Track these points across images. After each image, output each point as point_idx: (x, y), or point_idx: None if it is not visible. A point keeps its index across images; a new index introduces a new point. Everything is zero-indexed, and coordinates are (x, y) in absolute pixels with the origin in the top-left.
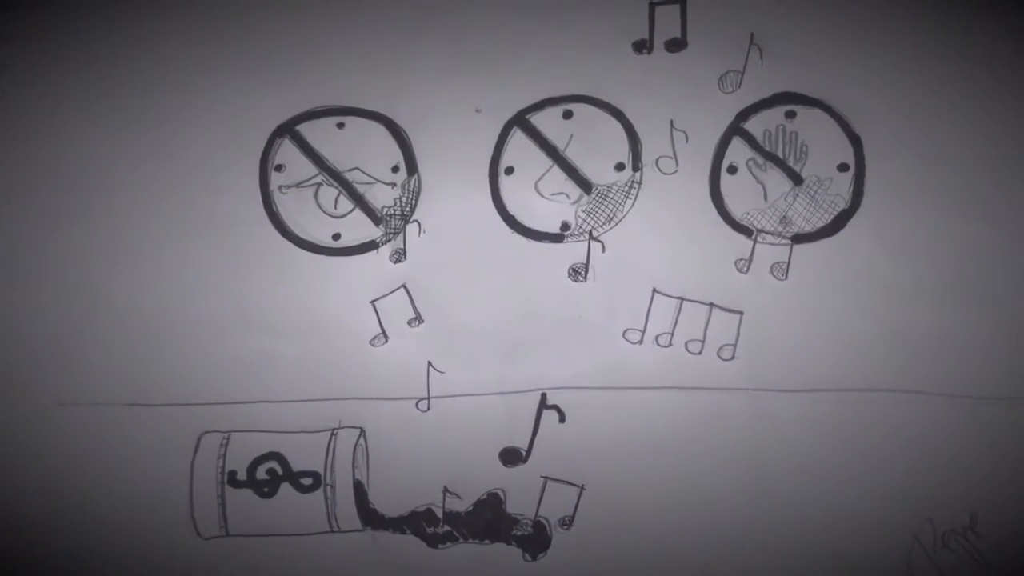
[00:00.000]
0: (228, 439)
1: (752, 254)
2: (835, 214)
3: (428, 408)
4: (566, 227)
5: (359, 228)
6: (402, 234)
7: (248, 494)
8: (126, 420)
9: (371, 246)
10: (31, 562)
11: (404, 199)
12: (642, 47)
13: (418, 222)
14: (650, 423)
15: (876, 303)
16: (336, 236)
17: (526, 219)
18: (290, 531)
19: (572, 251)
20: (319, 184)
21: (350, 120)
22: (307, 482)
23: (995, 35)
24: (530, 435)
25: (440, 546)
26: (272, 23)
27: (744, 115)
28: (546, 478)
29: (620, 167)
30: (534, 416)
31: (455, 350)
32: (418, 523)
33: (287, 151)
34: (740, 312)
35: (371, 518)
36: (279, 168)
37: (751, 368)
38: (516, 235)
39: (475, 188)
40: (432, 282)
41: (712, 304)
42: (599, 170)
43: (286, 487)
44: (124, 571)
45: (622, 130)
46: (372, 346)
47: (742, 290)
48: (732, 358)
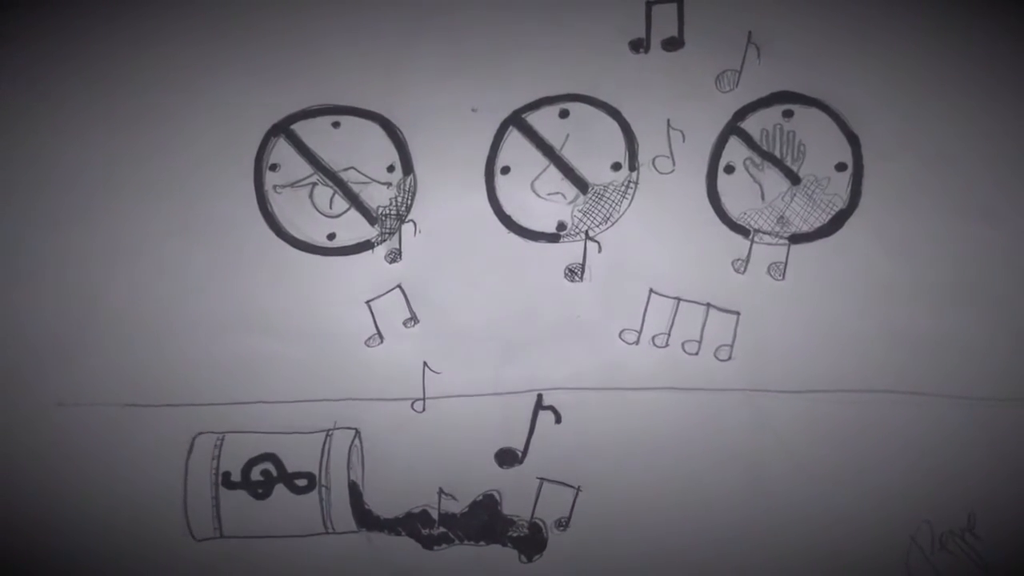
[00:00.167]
0: (222, 440)
1: (749, 254)
2: (833, 214)
3: (424, 409)
4: (562, 227)
5: (354, 228)
6: (398, 234)
7: (242, 495)
8: (122, 421)
9: (367, 246)
10: (27, 561)
11: (400, 199)
12: (639, 46)
13: (414, 222)
14: (647, 424)
15: (874, 303)
16: (331, 236)
17: (522, 219)
18: (285, 532)
19: (568, 251)
20: (314, 184)
21: (345, 119)
22: (302, 483)
23: (995, 35)
24: (526, 436)
25: (436, 547)
26: (267, 22)
27: (741, 114)
28: (542, 479)
29: (617, 167)
30: (530, 417)
31: (451, 350)
32: (413, 524)
33: (282, 150)
34: (737, 312)
35: (366, 519)
36: (274, 168)
37: (748, 369)
38: (512, 235)
39: (471, 188)
40: (428, 282)
41: (709, 304)
42: (596, 170)
43: (280, 488)
44: (118, 572)
45: (619, 129)
46: (367, 346)
47: (739, 290)
48: (729, 359)
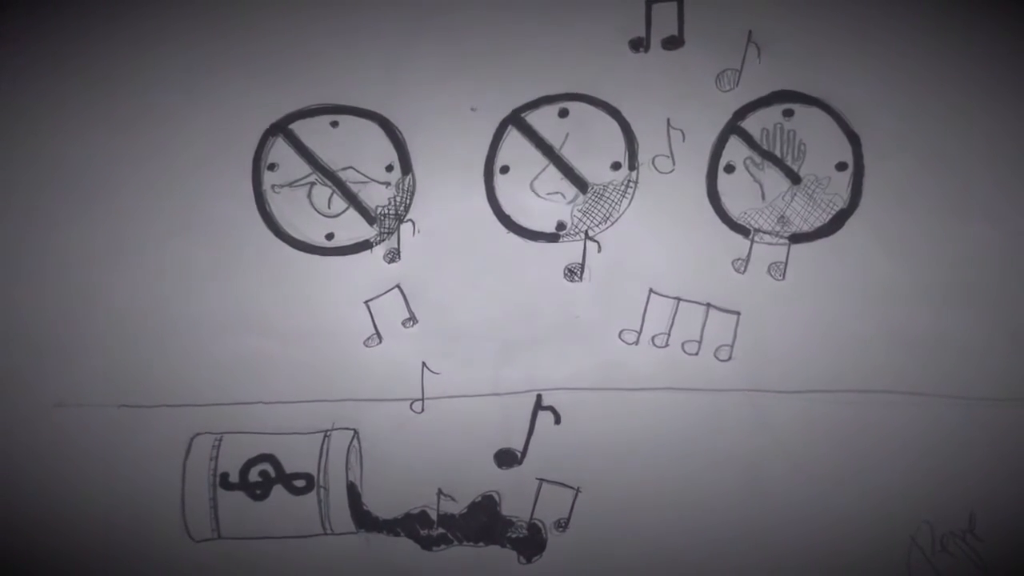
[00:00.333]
0: (220, 441)
1: (749, 254)
2: (833, 214)
3: (422, 409)
4: (562, 227)
5: (353, 228)
6: (396, 234)
7: (240, 496)
8: (121, 421)
9: (365, 246)
10: (26, 562)
11: (398, 198)
12: (639, 45)
13: (412, 222)
14: (647, 424)
15: (874, 303)
16: (330, 236)
17: (521, 219)
18: (283, 533)
19: (568, 251)
20: (312, 183)
21: (344, 119)
22: (300, 484)
23: (996, 34)
24: (525, 437)
25: (434, 548)
26: (266, 21)
27: (742, 113)
28: (541, 480)
29: (616, 166)
30: (529, 417)
31: (450, 351)
32: (412, 525)
33: (280, 150)
34: (737, 312)
35: (365, 520)
36: (272, 167)
37: (748, 369)
38: (511, 235)
39: (470, 187)
40: (427, 282)
41: (709, 304)
42: (595, 169)
43: (279, 489)
44: (116, 573)
45: (618, 129)
46: (366, 347)
47: (739, 290)
48: (729, 359)
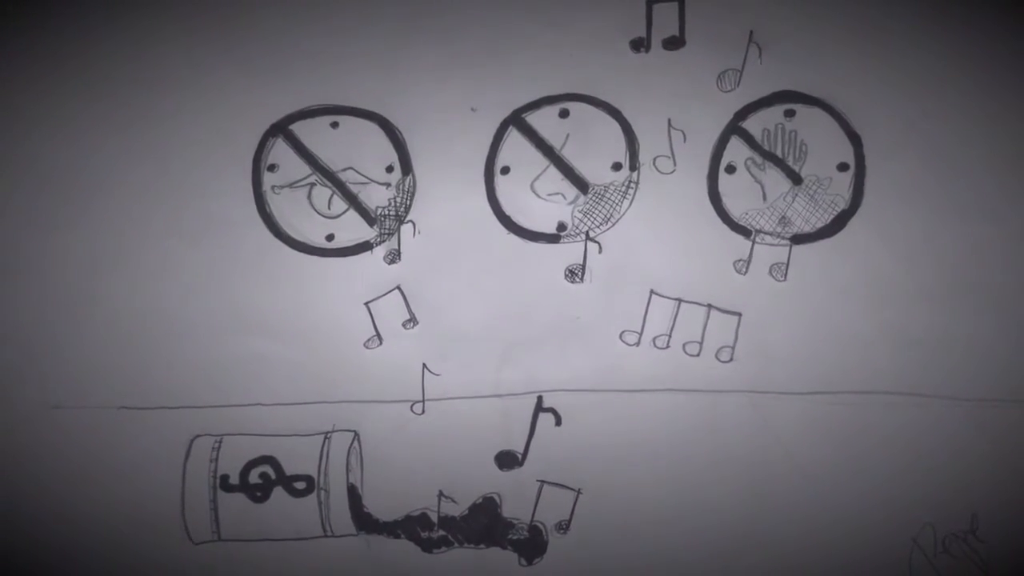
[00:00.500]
0: (220, 443)
1: (751, 255)
2: (835, 214)
3: (423, 411)
4: (562, 227)
5: (353, 229)
6: (396, 235)
7: (241, 498)
8: (120, 423)
9: (365, 247)
10: (25, 563)
11: (399, 199)
12: (640, 45)
13: (413, 223)
14: (648, 426)
15: (876, 304)
16: (330, 237)
17: (522, 219)
18: (283, 536)
19: (568, 252)
20: (312, 184)
21: (344, 119)
22: (300, 486)
23: (997, 34)
24: (526, 438)
25: (435, 551)
26: (266, 21)
27: (743, 114)
28: (542, 482)
29: (617, 167)
30: (530, 419)
31: (450, 352)
32: (413, 527)
33: (280, 151)
34: (739, 313)
35: (365, 522)
36: (272, 168)
37: (750, 370)
38: (512, 236)
39: (470, 188)
40: (427, 283)
41: (710, 305)
42: (596, 170)
43: (279, 491)
44: (115, 575)
45: (619, 129)
46: (366, 348)
47: (741, 291)
48: (730, 360)
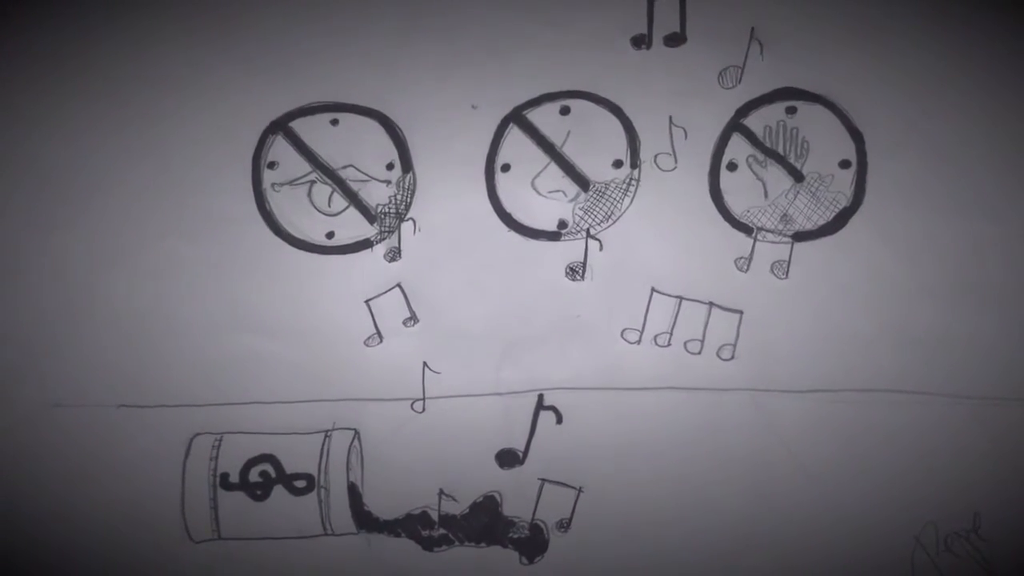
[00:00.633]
0: (220, 441)
1: (752, 252)
2: (836, 212)
3: (423, 409)
4: (563, 225)
5: (353, 226)
6: (397, 232)
7: (241, 497)
8: (119, 422)
9: (366, 244)
10: (24, 563)
11: (399, 197)
12: (641, 42)
13: (413, 220)
14: (649, 424)
15: (878, 302)
16: (330, 234)
17: (523, 217)
18: (283, 534)
19: (569, 249)
20: (313, 182)
21: (344, 116)
22: (300, 484)
23: (999, 32)
24: (527, 437)
25: (435, 549)
26: (265, 19)
27: (744, 111)
28: (543, 480)
29: (618, 164)
30: (531, 417)
31: (451, 350)
32: (413, 526)
33: (280, 148)
34: (740, 311)
35: (365, 521)
36: (272, 165)
37: (751, 368)
38: (512, 233)
39: (471, 185)
40: (427, 281)
41: (712, 303)
42: (597, 167)
43: (279, 489)
44: (115, 574)
45: (620, 126)
46: (367, 346)
47: (742, 289)
48: (732, 358)
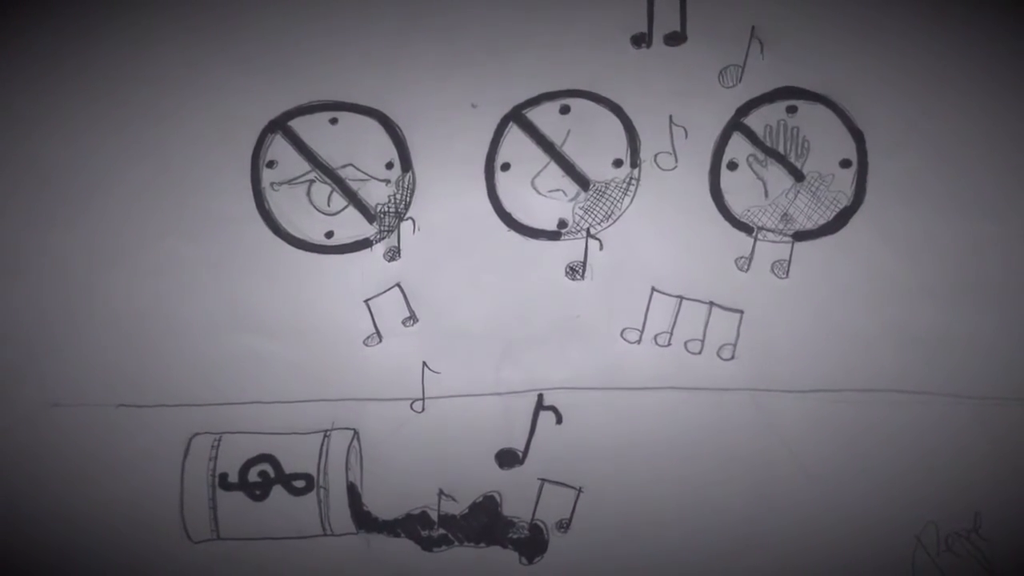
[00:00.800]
0: (219, 441)
1: (753, 252)
2: (837, 211)
3: (423, 409)
4: (563, 224)
5: (353, 226)
6: (396, 232)
7: (240, 497)
8: (118, 421)
9: (365, 244)
10: (22, 563)
11: (398, 196)
12: (641, 41)
13: (413, 219)
14: (649, 424)
15: (878, 302)
16: (329, 234)
17: (522, 216)
18: (282, 534)
19: (569, 249)
20: (312, 181)
21: (343, 116)
22: (300, 484)
23: (1001, 31)
24: (527, 436)
25: (435, 549)
26: (264, 17)
27: (745, 110)
28: (543, 480)
29: (618, 163)
30: (531, 417)
31: (450, 350)
32: (413, 526)
33: (279, 147)
34: (740, 311)
35: (365, 521)
36: (271, 164)
37: (752, 368)
38: (512, 233)
39: (471, 185)
40: (427, 281)
41: (712, 303)
42: (597, 166)
43: (278, 489)
44: (114, 575)
45: (620, 125)
46: (366, 346)
47: (742, 289)
48: (732, 358)
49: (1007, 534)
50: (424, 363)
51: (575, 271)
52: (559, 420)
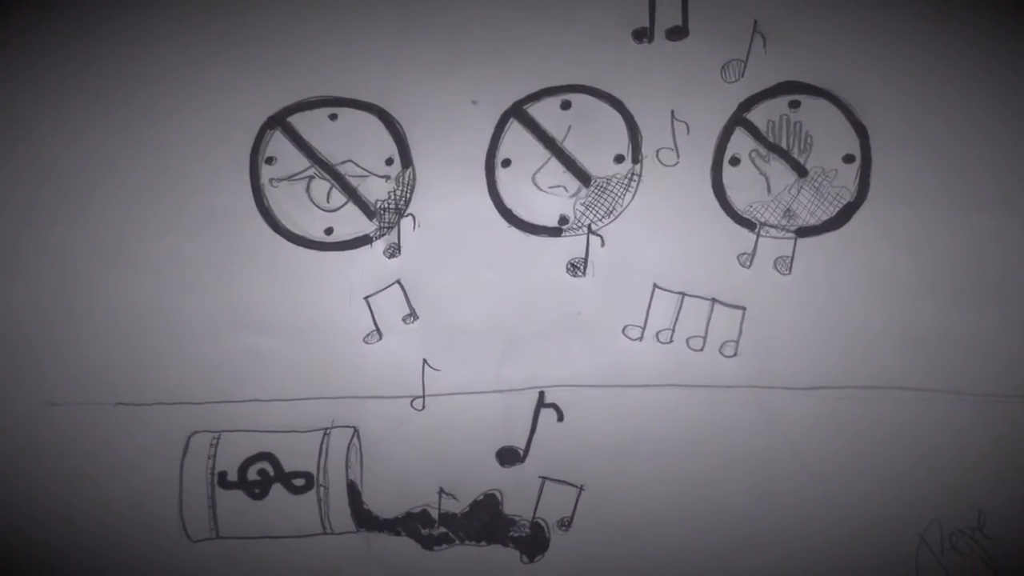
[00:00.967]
0: (218, 439)
1: (755, 248)
2: (840, 207)
3: (423, 407)
4: (564, 221)
5: (352, 222)
6: (396, 228)
7: (239, 495)
8: (116, 420)
9: (365, 241)
10: (21, 563)
11: (398, 192)
12: (642, 35)
13: (413, 216)
14: (651, 422)
15: (882, 298)
16: (329, 230)
17: (523, 213)
18: (282, 533)
19: (571, 245)
20: (311, 177)
21: (343, 111)
22: (299, 483)
23: (1006, 26)
24: (528, 434)
25: (435, 548)
26: (263, 12)
27: (747, 105)
28: (544, 478)
29: (620, 159)
30: (532, 415)
31: (451, 347)
32: (413, 525)
33: (278, 143)
34: (743, 308)
35: (365, 519)
36: (270, 161)
37: (754, 365)
38: (513, 229)
39: (471, 181)
40: (427, 278)
41: (714, 299)
42: (598, 162)
43: (278, 488)
44: (112, 574)
45: (622, 121)
46: (366, 343)
47: (745, 285)
48: (735, 355)
49: (1012, 532)
50: (424, 360)
51: (576, 268)
52: (560, 418)
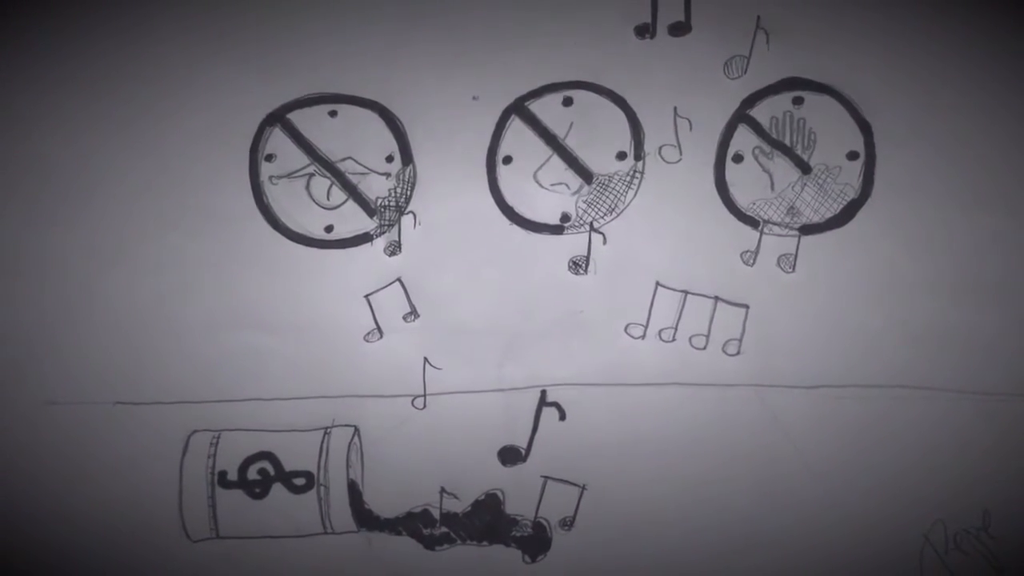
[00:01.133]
0: (218, 438)
1: (758, 246)
2: (844, 204)
3: (424, 406)
4: (566, 218)
5: (352, 220)
6: (397, 226)
7: (239, 495)
8: (116, 419)
9: (365, 238)
10: (20, 562)
11: (399, 190)
12: (645, 31)
13: (413, 214)
14: (653, 420)
15: (886, 296)
16: (329, 228)
17: (525, 210)
18: (282, 533)
19: (572, 243)
20: (311, 174)
21: (343, 108)
22: (300, 482)
23: (1012, 23)
24: (529, 433)
25: (437, 548)
26: (262, 8)
27: (750, 101)
28: (546, 478)
29: (622, 156)
30: (533, 414)
31: (452, 346)
32: (414, 524)
33: (278, 140)
34: (746, 306)
35: (366, 519)
36: (269, 158)
37: (757, 363)
38: (515, 227)
39: (472, 178)
40: (428, 276)
41: (717, 298)
42: (600, 159)
43: (278, 487)
44: (113, 574)
45: (624, 117)
46: (366, 342)
47: (748, 283)
48: (737, 353)
49: (1016, 532)
50: (425, 359)
51: (578, 266)
52: (562, 417)
